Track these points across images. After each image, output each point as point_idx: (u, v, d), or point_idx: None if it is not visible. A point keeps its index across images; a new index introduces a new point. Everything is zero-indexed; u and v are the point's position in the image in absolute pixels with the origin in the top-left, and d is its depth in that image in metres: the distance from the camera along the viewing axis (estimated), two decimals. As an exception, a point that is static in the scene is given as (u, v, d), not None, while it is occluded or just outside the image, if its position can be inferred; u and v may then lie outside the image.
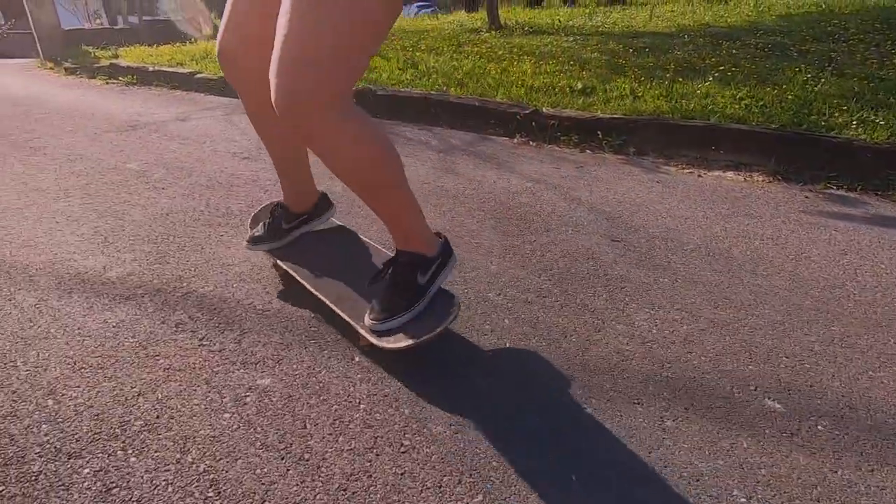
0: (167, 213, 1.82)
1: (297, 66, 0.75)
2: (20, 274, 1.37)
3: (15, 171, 2.26)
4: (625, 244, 1.62)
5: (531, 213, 1.88)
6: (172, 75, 5.09)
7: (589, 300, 1.29)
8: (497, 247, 1.59)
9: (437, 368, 1.04)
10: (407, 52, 4.78)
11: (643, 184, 2.23)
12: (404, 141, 2.93)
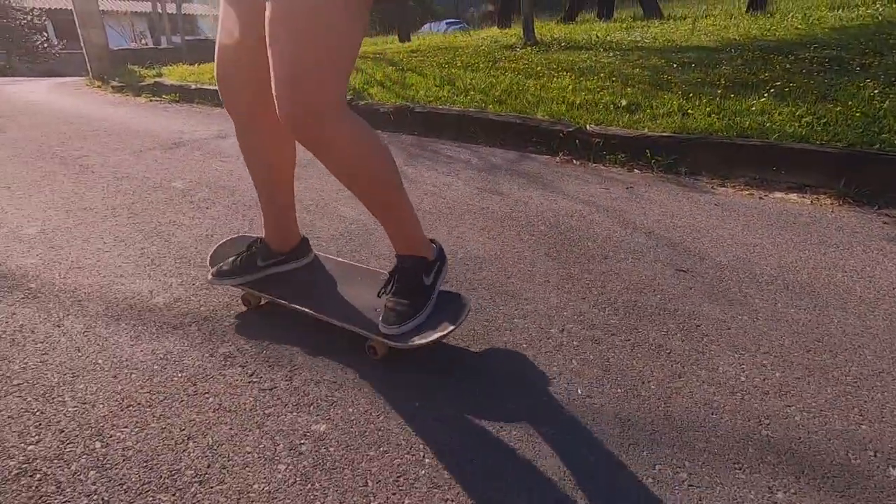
0: (211, 235, 1.80)
1: (294, 81, 0.86)
2: (69, 298, 1.35)
3: (65, 190, 2.29)
4: (691, 274, 1.50)
5: (585, 237, 1.78)
6: (213, 93, 5.21)
7: (662, 339, 1.18)
8: (554, 276, 1.49)
9: (507, 416, 0.95)
10: (443, 69, 4.77)
11: (700, 206, 2.10)
12: (444, 159, 2.87)
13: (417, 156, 2.96)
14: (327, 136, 0.91)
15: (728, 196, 2.25)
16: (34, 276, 1.47)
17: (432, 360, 1.11)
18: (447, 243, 1.72)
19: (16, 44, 17.36)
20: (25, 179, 2.46)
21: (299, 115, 0.88)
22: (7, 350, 1.12)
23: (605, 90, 3.58)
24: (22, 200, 2.16)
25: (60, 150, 3.07)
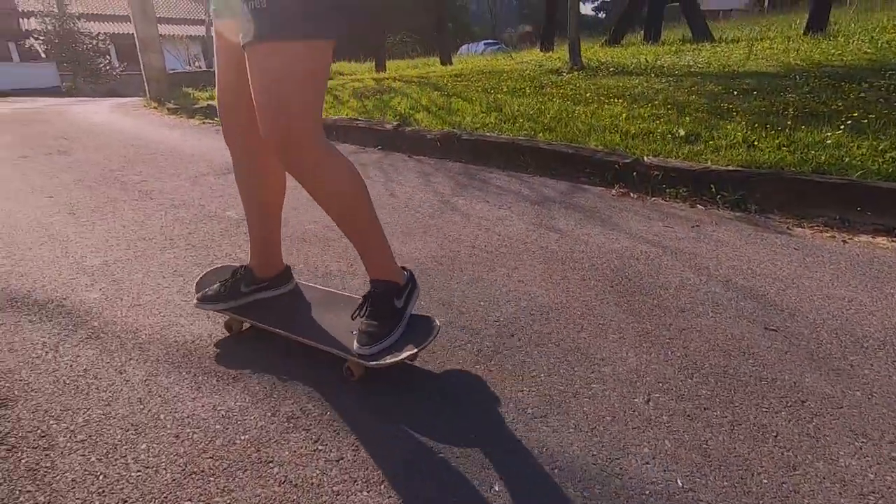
0: (267, 271, 1.77)
1: (274, 115, 1.00)
2: (131, 339, 1.34)
3: (126, 218, 2.34)
4: (784, 335, 1.36)
5: (656, 285, 1.66)
6: (263, 116, 5.36)
7: (765, 418, 1.05)
8: (628, 331, 1.38)
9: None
10: (489, 95, 4.74)
11: (778, 250, 1.95)
12: (494, 189, 2.81)
13: (466, 185, 2.91)
14: (305, 158, 1.05)
15: (807, 238, 2.08)
16: (97, 314, 1.47)
17: (512, 445, 1.02)
18: (508, 287, 1.64)
19: (82, 66, 18.58)
20: (89, 206, 2.53)
21: (281, 140, 1.02)
22: (72, 399, 1.10)
23: (661, 119, 3.45)
24: (86, 228, 2.21)
25: (121, 175, 3.17)
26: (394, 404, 1.10)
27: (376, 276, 1.20)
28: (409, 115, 4.37)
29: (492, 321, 1.43)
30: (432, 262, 1.84)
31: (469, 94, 4.92)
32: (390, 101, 5.07)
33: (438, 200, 2.62)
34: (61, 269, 1.78)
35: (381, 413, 1.07)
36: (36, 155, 3.86)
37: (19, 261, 1.85)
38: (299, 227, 2.21)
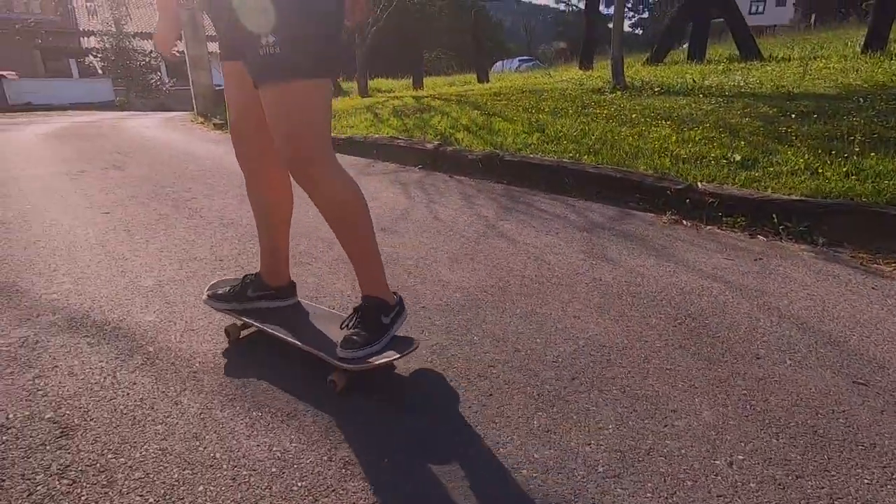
0: (316, 296, 1.76)
1: (289, 140, 1.15)
2: (185, 367, 1.33)
3: (177, 236, 2.39)
4: (875, 391, 1.24)
5: (723, 325, 1.56)
6: (305, 133, 5.47)
7: (869, 493, 0.94)
8: (700, 379, 1.29)
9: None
10: (530, 114, 4.70)
11: (854, 290, 1.81)
12: (539, 213, 2.74)
13: (510, 209, 2.85)
14: (316, 176, 1.19)
15: (886, 276, 1.93)
16: (152, 338, 1.48)
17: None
18: (564, 323, 1.56)
19: (134, 81, 19.60)
20: (143, 222, 2.60)
21: (296, 160, 1.17)
22: (129, 430, 1.09)
23: (713, 142, 3.33)
24: (140, 246, 2.26)
25: (172, 191, 3.26)
26: (455, 456, 1.04)
27: (368, 292, 1.31)
28: (449, 134, 4.37)
29: (549, 361, 1.36)
30: (482, 293, 1.79)
31: (510, 113, 4.90)
32: (430, 119, 5.09)
33: (483, 224, 2.58)
34: (118, 289, 1.81)
35: (440, 463, 1.02)
36: (93, 169, 4.03)
37: (79, 279, 1.89)
38: (345, 251, 2.20)
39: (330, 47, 1.15)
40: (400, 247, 2.25)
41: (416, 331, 1.52)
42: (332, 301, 1.73)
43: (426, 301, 1.72)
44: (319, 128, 1.17)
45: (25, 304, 1.69)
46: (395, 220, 2.64)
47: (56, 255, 2.14)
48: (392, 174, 3.80)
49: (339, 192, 1.23)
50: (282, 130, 1.15)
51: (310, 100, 1.14)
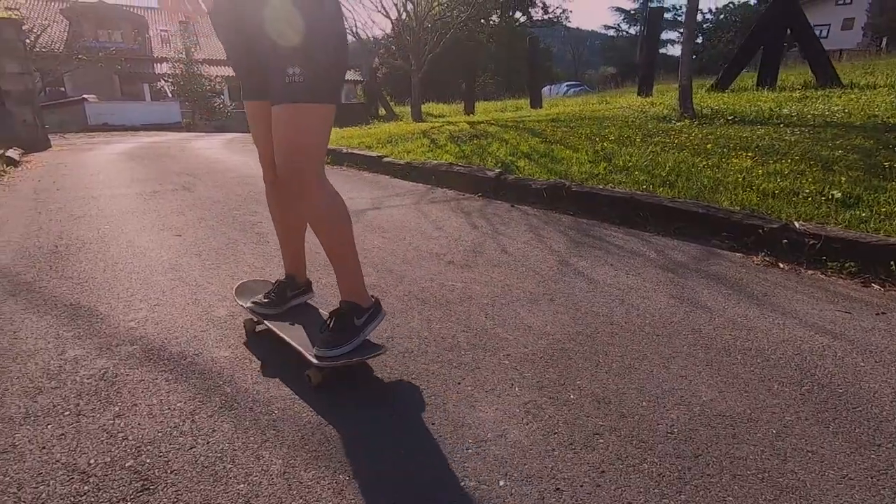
0: (392, 337, 1.67)
1: (286, 158, 1.29)
2: (264, 415, 1.25)
3: (246, 263, 2.38)
4: None
5: (861, 397, 1.34)
6: (362, 157, 5.52)
7: None
8: (853, 468, 1.09)
9: None
10: (593, 143, 4.55)
11: None
12: (614, 250, 2.57)
13: (582, 243, 2.70)
14: (306, 187, 1.31)
15: None
16: (228, 377, 1.42)
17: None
18: (669, 383, 1.39)
19: (199, 104, 20.83)
20: (213, 247, 2.62)
21: (289, 174, 1.31)
22: (211, 488, 1.01)
23: (804, 176, 3.07)
24: (211, 272, 2.26)
25: (239, 215, 3.31)
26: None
27: (346, 297, 1.45)
28: (510, 162, 4.28)
29: (663, 432, 1.20)
30: (570, 341, 1.64)
31: (571, 140, 4.76)
32: (488, 146, 5.03)
33: (556, 260, 2.43)
34: (192, 318, 1.79)
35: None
36: (164, 191, 4.18)
37: (155, 306, 1.88)
38: (416, 284, 2.11)
39: (340, 76, 1.35)
40: (472, 282, 2.14)
41: (505, 383, 1.39)
42: (408, 343, 1.63)
43: (509, 348, 1.59)
44: (317, 146, 1.33)
45: (105, 332, 1.68)
46: (464, 252, 2.54)
47: (133, 279, 2.16)
48: (453, 202, 3.72)
49: (324, 204, 1.37)
50: (285, 144, 1.29)
51: (316, 121, 1.30)
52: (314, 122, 1.28)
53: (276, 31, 1.23)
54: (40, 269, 2.27)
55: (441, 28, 8.18)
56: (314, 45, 1.24)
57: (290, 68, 1.22)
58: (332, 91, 1.32)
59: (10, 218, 3.25)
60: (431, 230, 2.96)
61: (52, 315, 1.80)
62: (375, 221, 3.15)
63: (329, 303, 1.87)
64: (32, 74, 8.98)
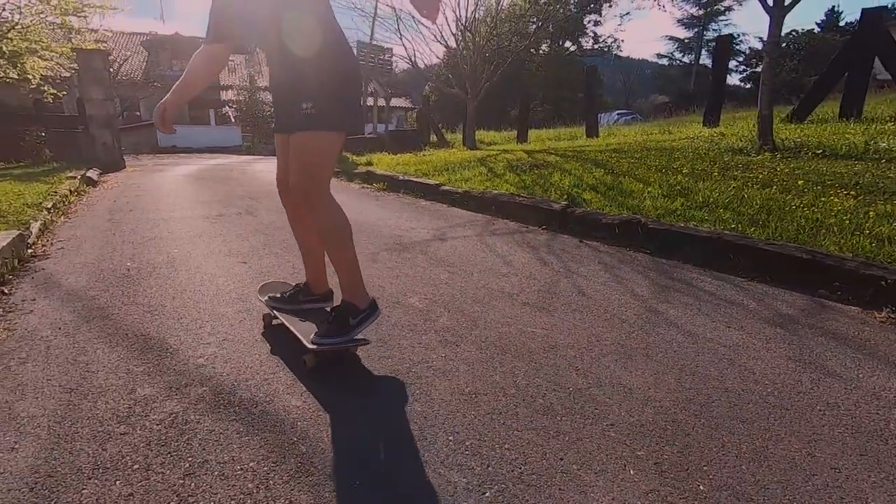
0: (475, 394, 1.50)
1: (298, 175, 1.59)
2: (345, 483, 1.11)
3: (314, 296, 2.29)
4: None
5: None
6: (419, 185, 5.48)
7: None
8: None
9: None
10: (664, 175, 4.30)
11: None
12: (707, 297, 2.31)
13: (667, 287, 2.46)
14: (313, 203, 1.58)
15: None
16: (302, 432, 1.29)
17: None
18: (821, 476, 1.15)
19: (259, 128, 21.88)
20: (278, 276, 2.56)
21: (302, 188, 1.57)
22: (291, 583, 0.87)
23: (926, 220, 2.71)
24: (278, 304, 2.18)
25: (302, 242, 3.27)
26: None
27: (346, 297, 1.67)
28: (576, 194, 4.08)
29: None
30: (681, 411, 1.42)
31: (640, 173, 4.53)
32: (550, 176, 4.86)
33: (641, 306, 2.21)
34: (261, 358, 1.69)
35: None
36: (229, 214, 4.25)
37: (223, 341, 1.81)
38: (493, 329, 1.94)
39: (349, 109, 1.62)
40: (553, 329, 1.95)
41: (616, 464, 1.19)
42: (494, 403, 1.46)
43: (612, 416, 1.39)
44: (324, 168, 1.60)
45: (175, 368, 1.61)
46: (538, 292, 2.36)
47: (200, 308, 2.11)
48: (517, 234, 3.56)
49: (329, 218, 1.61)
50: (297, 165, 1.58)
51: (325, 145, 1.58)
52: (323, 145, 1.57)
53: (294, 76, 1.57)
54: (113, 294, 2.27)
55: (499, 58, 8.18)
56: (324, 85, 1.55)
57: (304, 103, 1.54)
58: (341, 120, 1.60)
59: (88, 238, 3.35)
60: (500, 265, 2.81)
61: (123, 346, 1.76)
62: (440, 254, 3.02)
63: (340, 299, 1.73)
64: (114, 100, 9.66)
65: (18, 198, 4.08)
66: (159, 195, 5.44)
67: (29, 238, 3.02)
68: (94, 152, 8.55)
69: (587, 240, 3.38)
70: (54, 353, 1.70)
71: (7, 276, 2.44)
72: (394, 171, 6.32)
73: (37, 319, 1.98)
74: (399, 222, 3.99)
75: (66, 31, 11.30)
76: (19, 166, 7.81)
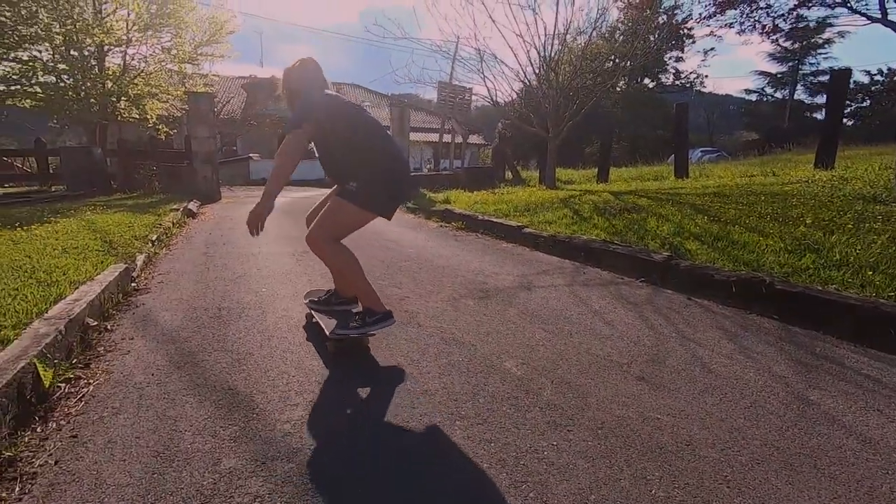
0: (592, 487, 1.23)
1: (320, 228, 2.08)
2: None
3: (401, 352, 2.14)
4: None
5: None
6: (499, 226, 5.30)
7: None
8: None
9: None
10: (782, 226, 3.80)
11: None
12: (871, 384, 1.88)
13: (813, 367, 2.04)
14: (321, 250, 2.10)
15: None
16: (401, 540, 1.09)
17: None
18: None
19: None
20: (363, 325, 2.45)
21: (314, 236, 2.09)
22: None
23: None
24: (363, 362, 2.05)
25: (384, 285, 3.18)
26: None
27: (364, 305, 2.14)
28: (678, 243, 3.70)
29: None
30: None
31: (751, 221, 4.05)
32: (643, 221, 4.49)
33: (786, 391, 1.83)
34: (351, 425, 1.53)
35: None
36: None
37: (311, 403, 1.68)
38: (605, 410, 1.66)
39: (385, 197, 2.15)
40: (683, 418, 1.63)
41: None
42: (628, 519, 1.18)
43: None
44: (342, 231, 2.14)
45: (262, 434, 1.49)
46: (651, 363, 2.05)
47: (287, 360, 2.02)
48: (612, 286, 3.25)
49: (335, 262, 2.16)
50: (324, 220, 2.09)
51: (352, 216, 2.10)
52: (351, 215, 2.09)
53: (352, 161, 2.12)
54: (204, 337, 2.25)
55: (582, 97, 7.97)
56: (366, 175, 2.08)
57: (350, 183, 2.09)
58: (373, 204, 2.10)
59: (185, 272, 3.48)
60: (599, 325, 2.51)
61: (211, 401, 1.68)
62: (530, 307, 2.79)
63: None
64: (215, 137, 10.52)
65: (128, 230, 4.39)
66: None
67: (134, 271, 3.16)
68: (195, 185, 9.29)
69: (695, 297, 3.00)
70: (145, 405, 1.65)
71: (111, 311, 2.52)
72: (472, 211, 6.21)
73: (133, 362, 1.97)
74: (481, 266, 3.81)
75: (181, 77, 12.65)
76: (132, 197, 8.61)
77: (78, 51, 10.52)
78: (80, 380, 1.81)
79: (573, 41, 8.33)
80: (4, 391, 1.42)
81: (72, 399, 1.67)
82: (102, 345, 2.14)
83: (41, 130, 19.31)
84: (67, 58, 10.49)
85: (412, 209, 7.62)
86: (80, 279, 2.61)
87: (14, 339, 1.76)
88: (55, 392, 1.69)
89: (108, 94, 10.68)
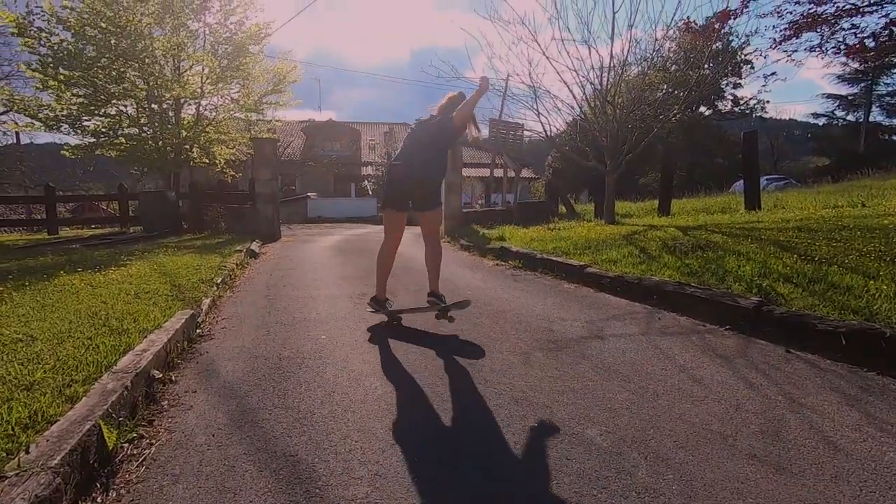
0: None
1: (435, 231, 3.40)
2: None
3: (469, 415, 1.96)
4: None
5: None
6: (560, 265, 5.07)
7: None
8: None
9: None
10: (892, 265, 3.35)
11: None
12: None
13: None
14: (437, 242, 3.38)
15: None
16: None
17: None
18: None
19: (391, 200, 23.59)
20: (427, 381, 2.30)
21: (432, 235, 3.37)
22: None
23: None
24: (431, 422, 1.89)
25: (444, 332, 3.03)
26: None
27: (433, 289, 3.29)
28: (767, 286, 3.33)
29: None
30: None
31: (851, 260, 3.61)
32: (722, 260, 4.13)
33: (948, 482, 1.48)
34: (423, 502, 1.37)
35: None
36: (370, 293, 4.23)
37: (377, 475, 1.53)
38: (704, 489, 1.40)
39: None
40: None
41: None
42: None
43: None
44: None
45: (324, 516, 1.35)
46: (762, 438, 1.75)
47: (349, 422, 1.89)
48: (694, 336, 2.93)
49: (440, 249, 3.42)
50: (435, 226, 3.41)
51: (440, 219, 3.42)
52: (437, 218, 3.39)
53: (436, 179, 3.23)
54: (265, 391, 2.18)
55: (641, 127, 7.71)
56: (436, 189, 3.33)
57: (433, 200, 3.32)
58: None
59: (247, 316, 3.50)
60: (688, 384, 2.23)
61: (271, 470, 1.56)
62: (605, 360, 2.54)
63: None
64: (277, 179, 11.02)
65: (196, 273, 4.53)
66: (308, 268, 5.76)
67: (199, 316, 3.20)
68: (257, 224, 9.68)
69: (794, 349, 2.64)
70: (205, 472, 1.56)
71: (176, 360, 2.52)
72: (530, 248, 6.00)
73: (194, 419, 1.92)
74: (545, 310, 3.59)
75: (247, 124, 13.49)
76: (200, 237, 9.08)
77: (157, 104, 11.48)
78: (143, 439, 1.76)
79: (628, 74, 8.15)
80: (68, 458, 1.37)
81: (133, 463, 1.61)
82: (166, 398, 2.11)
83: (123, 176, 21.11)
84: (149, 110, 11.46)
85: (466, 246, 7.52)
86: (148, 327, 2.65)
87: (82, 396, 1.75)
88: (118, 454, 1.64)
89: (183, 142, 11.52)
